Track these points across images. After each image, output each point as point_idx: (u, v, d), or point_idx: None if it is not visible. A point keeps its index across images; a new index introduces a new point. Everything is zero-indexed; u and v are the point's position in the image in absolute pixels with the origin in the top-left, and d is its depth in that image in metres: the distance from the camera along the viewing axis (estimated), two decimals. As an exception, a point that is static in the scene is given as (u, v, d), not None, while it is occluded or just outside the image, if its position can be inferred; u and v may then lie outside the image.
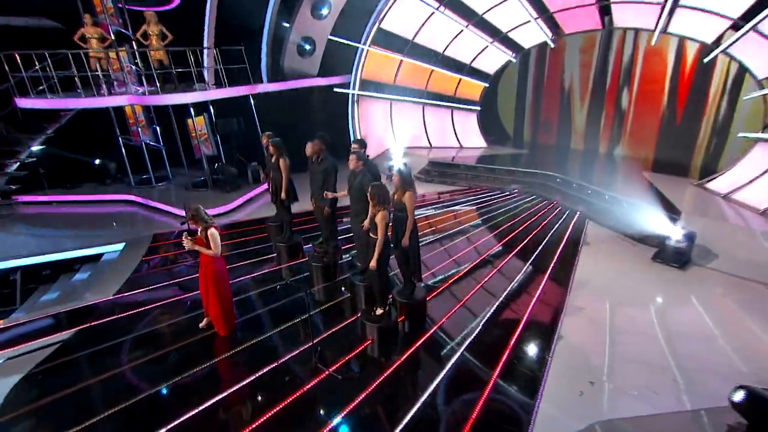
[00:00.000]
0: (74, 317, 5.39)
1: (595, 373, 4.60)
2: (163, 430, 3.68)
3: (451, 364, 4.57)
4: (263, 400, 4.05)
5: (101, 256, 7.34)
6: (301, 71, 12.32)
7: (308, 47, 12.29)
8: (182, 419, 3.76)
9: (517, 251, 7.46)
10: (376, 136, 12.91)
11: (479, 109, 13.79)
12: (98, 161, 10.53)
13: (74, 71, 8.71)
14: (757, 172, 8.47)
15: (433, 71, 12.94)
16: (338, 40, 11.97)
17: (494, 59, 13.03)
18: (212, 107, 10.34)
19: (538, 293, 6.10)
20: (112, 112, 10.01)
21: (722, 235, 7.41)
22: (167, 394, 4.11)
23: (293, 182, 6.32)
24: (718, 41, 9.20)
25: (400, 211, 4.66)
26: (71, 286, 6.67)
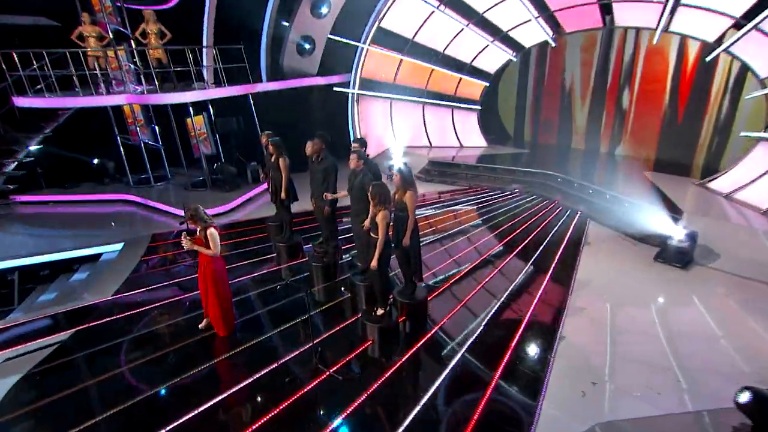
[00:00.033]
0: (73, 318, 5.36)
1: (597, 373, 4.57)
2: (162, 431, 3.65)
3: (452, 364, 4.55)
4: (263, 401, 4.02)
5: (100, 256, 7.32)
6: (300, 70, 12.28)
7: (308, 46, 12.25)
8: (181, 421, 3.74)
9: (518, 251, 7.43)
10: (375, 135, 12.87)
11: (480, 108, 13.75)
12: (96, 161, 10.48)
13: (72, 70, 8.66)
14: (759, 171, 8.43)
15: (433, 70, 12.89)
16: (338, 39, 11.92)
17: (495, 58, 12.99)
18: (211, 106, 10.30)
19: (539, 293, 6.08)
20: (110, 111, 9.95)
21: (724, 234, 7.38)
22: (166, 395, 4.09)
23: (293, 182, 6.30)
24: (720, 40, 9.16)
25: (401, 210, 4.64)
26: (69, 286, 6.64)
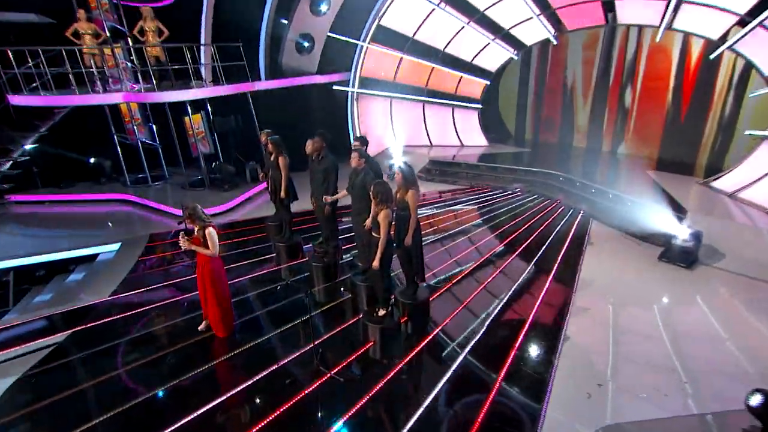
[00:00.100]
0: (69, 319, 5.30)
1: (602, 375, 4.52)
2: (160, 435, 3.59)
3: (455, 366, 4.50)
4: (263, 403, 3.97)
5: (96, 256, 7.26)
6: (299, 69, 12.19)
7: (307, 44, 12.16)
8: (180, 423, 3.69)
9: (520, 251, 7.37)
10: (375, 134, 12.78)
11: (480, 106, 13.67)
12: (93, 160, 10.40)
13: (68, 68, 8.56)
14: (763, 170, 8.34)
15: (433, 69, 12.80)
16: (337, 37, 11.83)
17: (496, 56, 12.90)
18: (209, 105, 10.23)
19: (542, 294, 6.02)
20: (107, 109, 9.87)
21: (729, 234, 7.31)
22: (165, 397, 4.04)
23: (293, 181, 6.24)
24: (724, 37, 9.06)
25: (402, 209, 4.59)
26: (66, 287, 6.60)
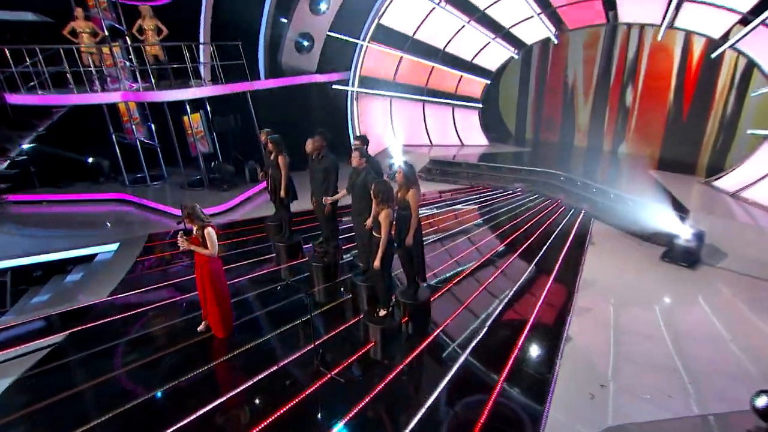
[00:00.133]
0: (67, 319, 5.25)
1: (604, 375, 4.48)
2: (159, 436, 3.55)
3: (456, 367, 4.46)
4: (263, 404, 3.94)
5: (95, 256, 7.21)
6: (299, 68, 12.14)
7: (306, 43, 12.10)
8: (180, 425, 3.65)
9: (521, 251, 7.33)
10: (375, 133, 12.74)
11: (481, 106, 13.63)
12: (91, 159, 10.35)
13: (66, 67, 8.49)
14: (766, 169, 8.31)
15: (433, 68, 12.76)
16: (337, 36, 11.77)
17: (496, 55, 12.85)
18: (209, 104, 10.16)
19: (544, 294, 5.98)
20: (105, 108, 9.81)
21: (731, 233, 7.28)
22: (163, 398, 4.00)
23: (292, 180, 6.19)
24: (726, 36, 9.02)
25: (403, 209, 4.56)
26: (63, 287, 6.55)
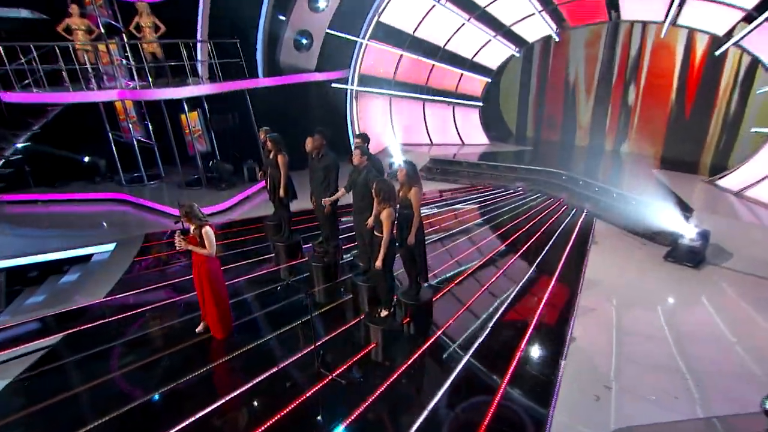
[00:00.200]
0: (63, 321, 5.19)
1: (609, 377, 4.42)
2: (157, 439, 3.50)
3: (459, 368, 4.41)
4: (263, 407, 3.90)
5: (91, 256, 7.14)
6: (298, 66, 12.03)
7: (305, 41, 12.00)
8: (177, 428, 3.61)
9: (523, 251, 7.26)
10: (375, 132, 12.65)
11: (481, 104, 13.55)
12: (87, 159, 10.25)
13: (62, 65, 8.39)
14: (770, 168, 8.27)
15: (434, 66, 12.67)
16: (336, 34, 11.68)
17: (497, 54, 12.76)
18: (206, 103, 10.06)
19: (546, 294, 5.91)
20: (101, 107, 9.72)
21: (736, 233, 7.22)
22: (161, 401, 3.96)
23: (292, 179, 6.11)
24: (729, 33, 8.94)
25: (405, 208, 4.49)
26: (59, 288, 6.50)
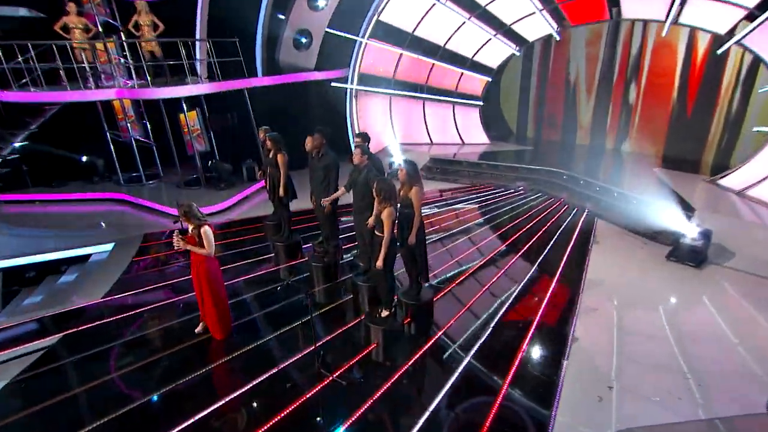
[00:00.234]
0: (60, 321, 5.15)
1: (612, 377, 4.38)
2: (156, 440, 3.46)
3: (460, 369, 4.37)
4: (262, 408, 3.86)
5: (89, 256, 7.08)
6: (297, 65, 11.98)
7: (305, 40, 11.95)
8: (176, 429, 3.57)
9: (524, 251, 7.22)
10: (374, 132, 12.59)
11: (481, 104, 13.50)
12: (85, 158, 10.19)
13: (59, 63, 8.32)
14: (773, 167, 8.25)
15: (434, 65, 12.62)
16: (336, 33, 11.62)
17: (497, 52, 12.70)
18: (205, 102, 10.00)
19: (548, 295, 5.87)
20: (99, 106, 9.64)
21: (738, 232, 7.20)
22: (160, 402, 3.93)
23: (291, 179, 6.06)
24: (731, 32, 8.90)
25: (406, 207, 4.45)
26: (57, 288, 6.45)
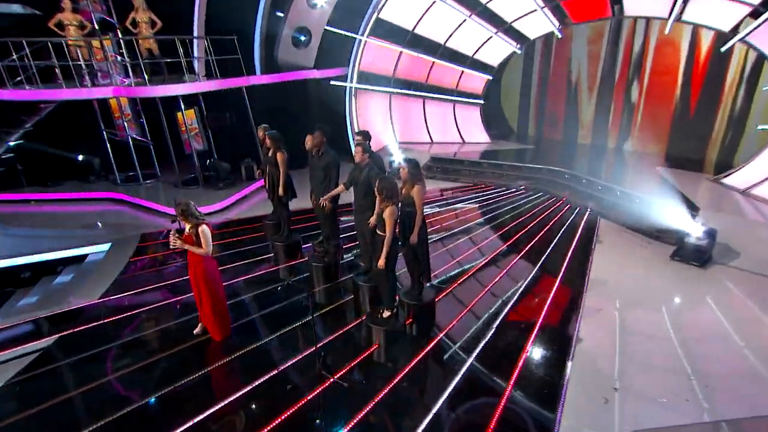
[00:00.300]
0: (56, 322, 5.08)
1: (617, 379, 4.31)
2: (154, 443, 3.39)
3: (463, 371, 4.30)
4: (262, 410, 3.80)
5: (85, 257, 6.98)
6: (296, 63, 11.88)
7: (303, 38, 11.85)
8: None
9: (526, 250, 7.15)
10: (374, 131, 12.49)
11: (482, 102, 13.43)
12: (81, 157, 10.06)
13: (54, 61, 8.20)
14: (777, 165, 8.19)
15: (434, 63, 12.54)
16: (335, 30, 11.53)
17: (498, 50, 12.64)
18: (203, 100, 9.89)
19: (551, 295, 5.80)
20: (95, 104, 9.53)
21: (744, 232, 7.13)
22: (158, 405, 3.88)
23: (291, 177, 5.97)
24: (735, 29, 8.83)
25: (408, 206, 4.38)
26: (53, 289, 6.34)
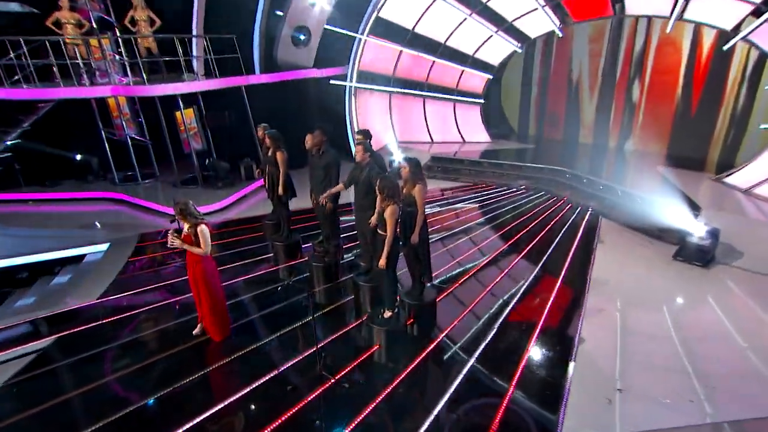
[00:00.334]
0: (54, 323, 5.06)
1: (620, 380, 4.27)
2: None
3: (464, 371, 4.27)
4: (262, 411, 3.78)
5: (83, 257, 6.94)
6: (295, 62, 11.84)
7: (303, 37, 11.80)
8: None
9: (528, 250, 7.11)
10: (374, 130, 12.44)
11: (482, 101, 13.39)
12: (79, 157, 10.02)
13: (52, 60, 8.15)
14: (779, 165, 8.16)
15: (434, 63, 12.51)
16: (335, 29, 11.48)
17: (498, 49, 12.63)
18: (202, 99, 9.84)
19: (553, 295, 5.76)
20: (94, 103, 9.49)
21: (746, 231, 7.10)
22: (156, 406, 3.85)
23: (291, 177, 5.93)
24: (737, 28, 8.81)
25: (409, 205, 4.34)
26: (51, 289, 6.30)
